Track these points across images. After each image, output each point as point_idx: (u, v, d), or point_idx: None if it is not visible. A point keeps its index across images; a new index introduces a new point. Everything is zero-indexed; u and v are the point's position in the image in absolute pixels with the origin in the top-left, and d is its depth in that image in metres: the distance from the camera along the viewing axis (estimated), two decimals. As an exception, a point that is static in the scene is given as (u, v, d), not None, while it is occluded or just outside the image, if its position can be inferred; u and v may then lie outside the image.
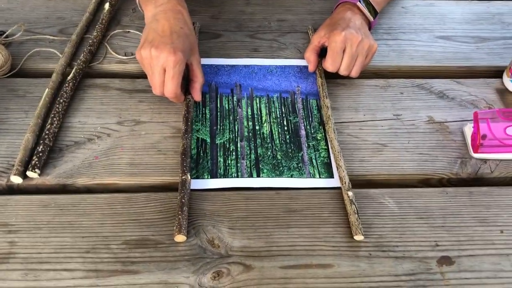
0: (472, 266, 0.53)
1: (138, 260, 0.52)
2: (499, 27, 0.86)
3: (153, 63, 0.63)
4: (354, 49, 0.69)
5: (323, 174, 0.62)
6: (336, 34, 0.69)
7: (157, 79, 0.63)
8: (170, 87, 0.63)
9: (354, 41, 0.69)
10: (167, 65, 0.62)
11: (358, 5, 0.75)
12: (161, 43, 0.62)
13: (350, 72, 0.71)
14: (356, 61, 0.70)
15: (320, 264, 0.53)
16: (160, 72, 0.63)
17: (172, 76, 0.62)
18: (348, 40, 0.69)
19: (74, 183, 0.60)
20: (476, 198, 0.60)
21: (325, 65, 0.72)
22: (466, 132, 0.67)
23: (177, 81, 0.63)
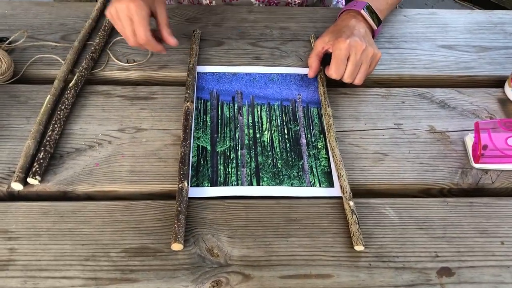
0: (472, 277, 0.53)
1: (137, 269, 0.52)
2: (501, 36, 0.86)
3: (119, 16, 0.68)
4: (358, 57, 0.69)
5: (324, 183, 0.62)
6: (340, 42, 0.69)
7: (127, 29, 0.68)
8: (139, 33, 0.68)
9: (359, 49, 0.69)
10: (130, 13, 0.66)
11: (362, 12, 0.75)
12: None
13: (353, 80, 0.71)
14: (360, 68, 0.70)
15: (320, 274, 0.53)
16: (128, 22, 0.67)
17: (139, 21, 0.67)
18: (352, 48, 0.69)
19: (75, 190, 0.60)
20: (476, 208, 0.60)
21: (328, 72, 0.72)
22: (467, 142, 0.67)
23: (143, 25, 0.67)
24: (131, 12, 0.67)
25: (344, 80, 0.71)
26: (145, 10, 0.67)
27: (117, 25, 0.70)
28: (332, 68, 0.71)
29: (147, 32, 0.68)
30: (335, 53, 0.70)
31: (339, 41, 0.69)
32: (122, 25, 0.69)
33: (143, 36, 0.68)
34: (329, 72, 0.72)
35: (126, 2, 0.66)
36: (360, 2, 0.77)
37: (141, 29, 0.68)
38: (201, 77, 0.75)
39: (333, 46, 0.71)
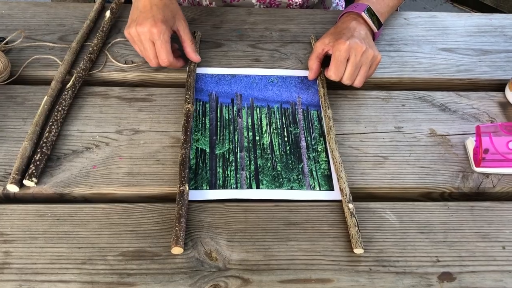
0: (473, 282, 0.53)
1: (135, 272, 0.51)
2: (501, 40, 0.86)
3: (141, 39, 0.69)
4: (358, 59, 0.69)
5: (323, 186, 0.61)
6: (340, 43, 0.69)
7: (149, 52, 0.70)
8: (162, 56, 0.70)
9: (359, 51, 0.68)
10: (153, 37, 0.68)
11: (363, 15, 0.75)
12: (144, 18, 0.68)
13: (353, 82, 0.71)
14: (359, 70, 0.70)
15: (320, 278, 0.52)
16: (150, 45, 0.69)
17: (161, 46, 0.68)
18: (352, 50, 0.68)
19: (71, 192, 0.59)
20: (478, 213, 0.60)
21: (328, 74, 0.71)
22: (468, 145, 0.67)
23: (166, 49, 0.69)
24: (153, 37, 0.68)
25: (344, 82, 0.71)
26: (167, 34, 0.69)
27: (136, 46, 0.72)
28: (332, 69, 0.70)
29: (169, 56, 0.70)
30: (334, 54, 0.69)
31: (339, 43, 0.69)
32: (143, 48, 0.70)
33: (165, 60, 0.70)
34: (328, 74, 0.71)
35: (148, 26, 0.67)
36: (361, 4, 0.77)
37: (164, 53, 0.69)
38: (200, 79, 0.74)
39: (333, 48, 0.70)
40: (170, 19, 0.70)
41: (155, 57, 0.70)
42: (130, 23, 0.71)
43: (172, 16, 0.71)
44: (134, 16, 0.71)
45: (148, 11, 0.69)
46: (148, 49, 0.69)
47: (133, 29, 0.69)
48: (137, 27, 0.68)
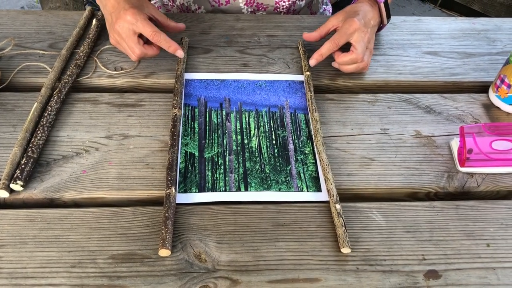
0: (459, 280, 0.54)
1: (125, 275, 0.52)
2: (484, 43, 0.88)
3: (122, 36, 0.71)
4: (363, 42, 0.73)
5: (311, 188, 0.62)
6: (353, 21, 0.73)
7: (133, 42, 0.71)
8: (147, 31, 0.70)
9: (363, 41, 0.73)
10: (132, 23, 0.69)
11: (381, 6, 0.78)
12: (116, 16, 0.70)
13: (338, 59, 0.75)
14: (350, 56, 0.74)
15: (308, 278, 0.53)
16: (132, 35, 0.70)
17: (142, 25, 0.70)
18: (359, 33, 0.73)
19: (61, 197, 0.60)
20: (463, 212, 0.61)
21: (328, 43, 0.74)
22: (453, 146, 0.68)
23: (148, 24, 0.70)
24: (132, 22, 0.69)
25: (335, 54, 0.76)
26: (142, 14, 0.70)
27: (122, 46, 0.74)
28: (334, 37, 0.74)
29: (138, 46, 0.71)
30: (343, 27, 0.73)
31: (352, 20, 0.73)
32: (126, 42, 0.72)
33: (137, 51, 0.72)
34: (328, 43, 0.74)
35: (123, 18, 0.69)
36: None
37: (132, 45, 0.71)
38: (189, 84, 0.75)
39: (343, 22, 0.74)
40: (139, 6, 0.72)
41: (138, 45, 0.71)
42: (109, 29, 0.74)
43: (140, 4, 0.72)
44: (108, 20, 0.73)
45: (117, 8, 0.71)
46: (132, 39, 0.71)
47: (112, 31, 0.71)
48: (115, 26, 0.70)
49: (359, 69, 0.76)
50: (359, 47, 0.73)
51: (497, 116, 0.74)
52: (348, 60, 0.74)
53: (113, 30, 0.72)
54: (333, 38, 0.74)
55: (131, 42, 0.71)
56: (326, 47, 0.74)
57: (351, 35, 0.73)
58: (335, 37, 0.74)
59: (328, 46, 0.74)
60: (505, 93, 0.73)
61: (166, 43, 0.72)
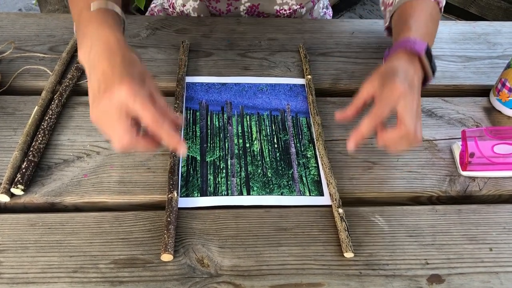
0: (462, 284, 0.53)
1: (127, 280, 0.51)
2: (485, 47, 0.88)
3: (109, 114, 0.49)
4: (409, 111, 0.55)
5: (313, 192, 0.62)
6: (394, 86, 0.56)
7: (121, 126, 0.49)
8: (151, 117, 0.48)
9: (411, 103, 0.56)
10: (128, 101, 0.48)
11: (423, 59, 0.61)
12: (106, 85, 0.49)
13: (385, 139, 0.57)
14: None
15: (311, 283, 0.53)
16: (122, 116, 0.48)
17: (142, 107, 0.48)
18: (403, 97, 0.56)
19: (63, 201, 0.59)
20: (465, 216, 0.61)
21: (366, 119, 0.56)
22: (455, 150, 0.68)
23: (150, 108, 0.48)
24: (128, 101, 0.48)
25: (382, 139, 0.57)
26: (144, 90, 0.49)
27: (106, 127, 0.51)
28: (375, 109, 0.56)
29: (129, 134, 0.49)
30: (383, 94, 0.56)
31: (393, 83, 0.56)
32: (105, 130, 0.51)
33: (126, 140, 0.49)
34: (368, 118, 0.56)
35: (94, 107, 0.50)
36: (419, 41, 0.62)
37: (122, 132, 0.49)
38: (190, 88, 0.75)
39: (383, 88, 0.57)
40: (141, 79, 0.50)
41: (129, 133, 0.49)
42: (91, 101, 0.51)
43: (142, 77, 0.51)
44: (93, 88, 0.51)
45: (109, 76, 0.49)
46: (122, 124, 0.48)
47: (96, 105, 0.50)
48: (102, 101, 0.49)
49: (410, 146, 0.57)
50: (408, 119, 0.55)
51: (499, 120, 0.74)
52: (397, 137, 0.56)
53: (98, 105, 0.49)
54: (373, 112, 0.56)
55: (121, 127, 0.48)
56: (366, 123, 0.56)
57: (396, 103, 0.55)
58: (376, 109, 0.56)
59: (368, 122, 0.56)
60: (506, 97, 0.73)
61: (168, 136, 0.49)
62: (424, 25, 0.68)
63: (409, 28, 0.66)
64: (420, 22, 0.68)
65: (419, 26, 0.67)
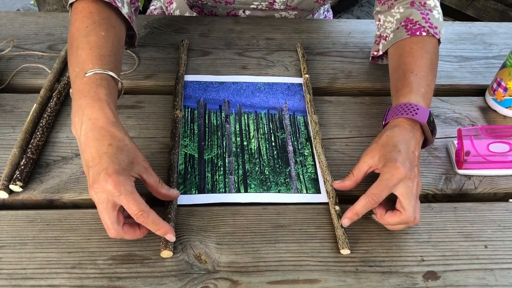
0: (457, 281, 0.54)
1: (125, 276, 0.52)
2: (481, 47, 0.89)
3: (97, 204, 0.51)
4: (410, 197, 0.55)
5: (310, 189, 0.62)
6: (395, 167, 0.55)
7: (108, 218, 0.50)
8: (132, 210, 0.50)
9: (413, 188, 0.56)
10: (112, 196, 0.50)
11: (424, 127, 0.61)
12: (94, 176, 0.50)
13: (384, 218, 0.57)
14: None
15: (307, 279, 0.53)
16: (109, 207, 0.50)
17: (127, 201, 0.50)
18: (405, 181, 0.55)
19: (61, 198, 0.60)
20: (460, 213, 0.61)
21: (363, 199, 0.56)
22: (451, 148, 0.69)
23: (135, 200, 0.50)
24: (112, 195, 0.50)
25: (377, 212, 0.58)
26: (129, 185, 0.50)
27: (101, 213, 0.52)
28: (373, 191, 0.56)
29: (115, 226, 0.51)
30: (383, 177, 0.56)
31: (393, 165, 0.56)
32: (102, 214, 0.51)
33: (113, 232, 0.51)
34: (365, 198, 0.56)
35: (101, 185, 0.50)
36: (421, 108, 0.61)
37: (109, 223, 0.51)
38: (188, 86, 0.75)
39: (383, 168, 0.56)
40: (128, 166, 0.51)
41: (115, 224, 0.51)
42: (89, 183, 0.51)
43: (129, 162, 0.52)
44: (86, 170, 0.53)
45: (97, 164, 0.50)
46: (109, 215, 0.50)
47: (89, 188, 0.51)
48: (91, 190, 0.50)
49: (407, 227, 0.58)
50: (408, 205, 0.55)
51: (494, 119, 0.75)
52: (396, 222, 0.56)
53: (90, 189, 0.50)
54: (371, 193, 0.55)
55: (108, 219, 0.50)
56: (362, 204, 0.56)
57: (395, 186, 0.55)
58: (374, 190, 0.55)
59: (364, 202, 0.56)
60: (501, 96, 0.74)
61: (155, 225, 0.51)
62: (425, 79, 0.66)
63: (410, 86, 0.64)
64: (421, 77, 0.65)
65: (420, 83, 0.65)
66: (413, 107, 0.61)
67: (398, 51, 0.72)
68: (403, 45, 0.71)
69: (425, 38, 0.70)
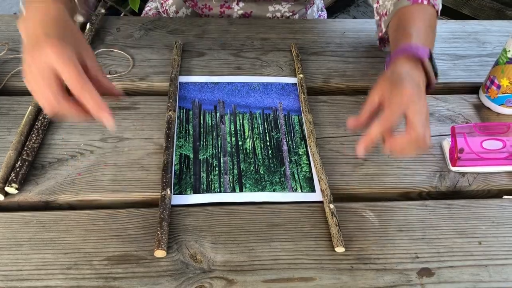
0: (451, 277, 0.54)
1: (120, 276, 0.52)
2: (474, 45, 0.89)
3: (33, 71, 0.48)
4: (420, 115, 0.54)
5: (305, 188, 0.63)
6: (403, 88, 0.55)
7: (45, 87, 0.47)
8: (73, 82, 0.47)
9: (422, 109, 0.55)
10: (52, 62, 0.47)
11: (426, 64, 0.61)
12: (35, 42, 0.48)
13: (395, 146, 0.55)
14: None
15: (302, 277, 0.53)
16: (48, 75, 0.47)
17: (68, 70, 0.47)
18: (413, 101, 0.55)
19: (57, 199, 0.60)
20: (455, 210, 0.61)
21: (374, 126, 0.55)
22: (445, 146, 0.69)
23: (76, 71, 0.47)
24: (52, 62, 0.47)
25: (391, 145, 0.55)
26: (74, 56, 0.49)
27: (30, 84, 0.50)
28: (386, 114, 0.55)
29: (57, 96, 0.48)
30: (392, 99, 0.55)
31: (401, 87, 0.56)
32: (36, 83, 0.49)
33: (52, 103, 0.48)
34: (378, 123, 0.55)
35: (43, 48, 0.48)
36: (422, 47, 0.61)
37: (49, 93, 0.48)
38: (183, 87, 0.76)
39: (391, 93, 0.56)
40: (72, 42, 0.50)
41: (55, 93, 0.47)
42: (23, 65, 0.50)
43: (74, 40, 0.51)
44: (24, 43, 0.51)
45: (38, 35, 0.49)
46: (49, 85, 0.47)
47: (25, 68, 0.49)
48: (29, 60, 0.48)
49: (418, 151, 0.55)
50: (418, 124, 0.53)
51: (488, 116, 0.75)
52: (406, 142, 0.54)
53: (28, 65, 0.49)
54: (383, 116, 0.55)
55: (47, 89, 0.47)
56: (376, 129, 0.55)
57: (406, 107, 0.54)
58: (386, 113, 0.55)
59: (378, 128, 0.55)
60: (495, 93, 0.74)
61: (91, 99, 0.48)
62: (424, 33, 0.66)
63: (410, 34, 0.65)
64: (420, 30, 0.66)
65: (419, 33, 0.65)
66: (412, 46, 0.61)
67: (398, 17, 0.71)
68: (403, 12, 0.70)
69: (426, 6, 0.70)
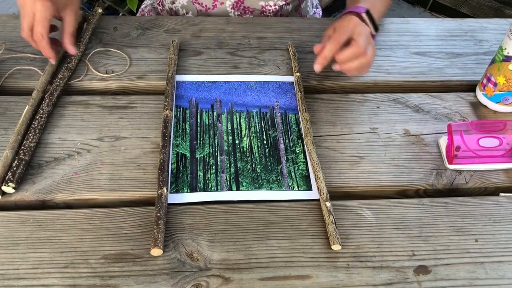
0: (448, 274, 0.54)
1: (117, 275, 0.52)
2: (471, 43, 0.89)
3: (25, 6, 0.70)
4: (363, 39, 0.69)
5: (302, 186, 0.63)
6: (348, 19, 0.71)
7: (25, 21, 0.70)
8: (36, 30, 0.70)
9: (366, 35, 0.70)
10: (35, 9, 0.69)
11: (363, 16, 0.74)
12: None
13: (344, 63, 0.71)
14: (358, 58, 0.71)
15: (299, 275, 0.53)
16: (30, 15, 0.69)
17: (39, 20, 0.69)
18: (358, 28, 0.70)
19: (53, 199, 0.60)
20: (451, 208, 0.62)
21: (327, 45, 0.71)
22: (441, 144, 0.69)
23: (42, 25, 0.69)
24: (35, 8, 0.69)
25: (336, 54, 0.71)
26: (49, 12, 0.70)
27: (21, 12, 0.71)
28: (335, 36, 0.71)
29: (43, 32, 0.70)
30: (341, 24, 0.71)
31: (349, 16, 0.72)
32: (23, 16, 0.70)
33: (38, 34, 0.70)
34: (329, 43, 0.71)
35: None
36: (360, 7, 0.76)
37: (39, 27, 0.70)
38: (180, 86, 0.76)
39: (339, 23, 0.72)
40: (60, 3, 0.72)
41: (29, 27, 0.70)
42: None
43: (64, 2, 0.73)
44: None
45: None
46: (26, 18, 0.70)
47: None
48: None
49: (363, 66, 0.71)
50: (360, 39, 0.69)
51: (484, 114, 0.75)
52: (350, 54, 0.70)
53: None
54: (333, 38, 0.70)
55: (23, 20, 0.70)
56: (328, 48, 0.71)
57: (352, 29, 0.70)
58: (335, 35, 0.70)
59: (329, 47, 0.70)
60: (491, 91, 0.74)
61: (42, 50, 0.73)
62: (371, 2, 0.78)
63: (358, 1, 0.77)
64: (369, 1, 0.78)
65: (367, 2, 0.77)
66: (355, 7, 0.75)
67: None
68: None
69: None
